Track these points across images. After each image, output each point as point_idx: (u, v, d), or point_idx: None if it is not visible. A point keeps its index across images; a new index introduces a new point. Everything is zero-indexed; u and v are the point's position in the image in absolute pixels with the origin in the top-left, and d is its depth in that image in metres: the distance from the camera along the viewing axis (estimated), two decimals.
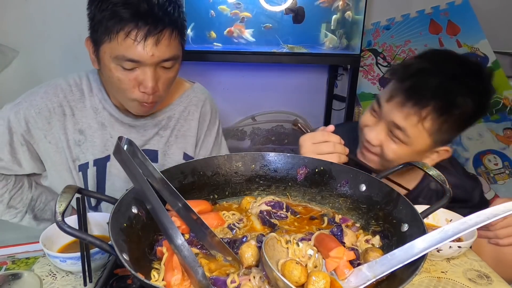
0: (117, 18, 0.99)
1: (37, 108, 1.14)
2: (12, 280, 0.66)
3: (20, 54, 2.46)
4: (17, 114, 1.13)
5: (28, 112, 1.13)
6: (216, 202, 0.89)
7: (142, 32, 0.98)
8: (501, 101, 2.49)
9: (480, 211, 0.60)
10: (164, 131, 1.24)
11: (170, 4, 1.02)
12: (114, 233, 0.59)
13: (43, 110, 1.14)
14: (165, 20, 1.00)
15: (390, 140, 1.02)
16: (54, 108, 1.15)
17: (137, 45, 0.99)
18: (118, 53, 1.01)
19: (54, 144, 1.16)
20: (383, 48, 2.54)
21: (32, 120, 1.13)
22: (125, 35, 0.98)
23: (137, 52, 1.00)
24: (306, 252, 0.66)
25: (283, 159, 0.90)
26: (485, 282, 0.81)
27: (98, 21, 1.04)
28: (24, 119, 1.13)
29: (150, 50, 1.00)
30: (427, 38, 2.51)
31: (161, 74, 1.07)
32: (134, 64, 1.02)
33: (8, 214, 1.22)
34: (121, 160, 0.67)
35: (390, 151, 1.02)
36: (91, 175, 1.19)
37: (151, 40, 0.99)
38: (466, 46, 2.49)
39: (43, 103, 1.14)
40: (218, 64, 2.49)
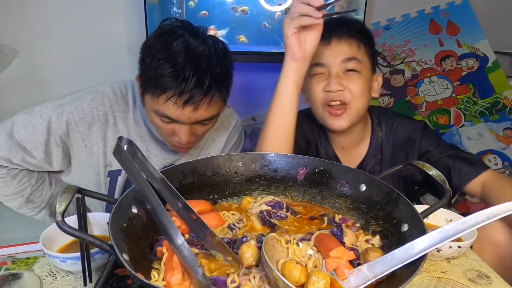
0: (161, 82, 1.01)
1: (82, 113, 1.16)
2: (12, 280, 0.66)
3: (20, 54, 2.46)
4: (60, 116, 1.14)
5: (72, 116, 1.15)
6: (216, 202, 0.89)
7: (182, 100, 1.01)
8: (501, 101, 2.49)
9: (480, 211, 0.60)
10: (194, 150, 1.29)
11: (213, 72, 1.04)
12: (114, 233, 0.59)
13: (87, 116, 1.16)
14: (207, 89, 1.02)
15: (348, 78, 1.16)
16: (99, 116, 1.17)
17: (176, 109, 1.03)
18: (158, 109, 1.05)
19: (89, 148, 1.18)
20: (383, 48, 2.54)
21: (73, 124, 1.15)
22: (167, 98, 1.02)
23: (175, 113, 1.04)
24: (306, 252, 0.66)
25: (283, 159, 0.90)
26: (485, 282, 0.81)
27: (145, 73, 1.07)
28: (66, 122, 1.14)
29: (188, 114, 1.04)
30: (427, 38, 2.51)
31: (198, 128, 1.11)
32: (172, 120, 1.06)
33: (26, 208, 1.24)
34: (121, 160, 0.67)
35: (354, 85, 1.15)
36: (121, 182, 1.22)
37: (189, 107, 1.03)
38: (466, 46, 2.49)
39: (89, 109, 1.16)
40: None
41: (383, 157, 1.29)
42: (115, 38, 2.43)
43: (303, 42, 1.03)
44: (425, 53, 2.53)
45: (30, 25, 2.42)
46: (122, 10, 2.41)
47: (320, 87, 1.17)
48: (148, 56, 1.05)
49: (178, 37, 1.03)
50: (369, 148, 1.29)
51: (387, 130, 1.29)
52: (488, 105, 2.51)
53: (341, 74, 1.16)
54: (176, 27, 1.07)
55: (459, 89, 2.54)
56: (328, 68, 1.17)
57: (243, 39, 2.23)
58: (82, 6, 2.40)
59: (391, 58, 2.55)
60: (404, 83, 2.57)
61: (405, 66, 2.56)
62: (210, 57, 1.04)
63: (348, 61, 1.16)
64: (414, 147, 1.25)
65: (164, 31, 1.06)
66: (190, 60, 1.01)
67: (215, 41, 1.08)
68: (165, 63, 1.01)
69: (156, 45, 1.04)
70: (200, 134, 1.15)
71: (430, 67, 2.54)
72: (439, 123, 2.56)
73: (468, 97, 2.54)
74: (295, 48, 1.03)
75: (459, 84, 2.54)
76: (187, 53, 1.01)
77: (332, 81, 1.14)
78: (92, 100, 1.18)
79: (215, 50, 1.06)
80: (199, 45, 1.04)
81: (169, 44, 1.02)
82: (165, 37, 1.04)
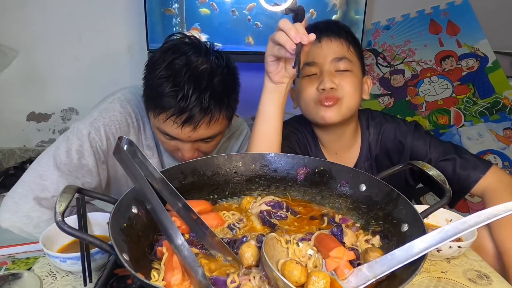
0: (161, 101, 1.01)
1: (118, 123, 1.12)
2: (12, 280, 0.66)
3: (20, 54, 2.47)
4: (97, 132, 1.08)
5: (109, 128, 1.10)
6: (216, 202, 0.89)
7: (181, 119, 1.01)
8: (501, 101, 2.49)
9: (480, 211, 0.60)
10: None
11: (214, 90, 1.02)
12: (114, 233, 0.59)
13: (123, 125, 1.13)
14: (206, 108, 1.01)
15: (340, 76, 1.16)
16: (133, 122, 1.16)
17: (176, 128, 1.02)
18: (159, 126, 1.06)
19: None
20: (383, 48, 2.54)
21: (112, 136, 1.11)
22: (166, 117, 1.01)
23: (175, 132, 1.04)
24: (306, 252, 0.66)
25: (283, 159, 0.90)
26: (485, 282, 0.81)
27: (147, 91, 1.07)
28: (106, 136, 1.09)
29: (187, 133, 1.04)
30: (427, 38, 2.51)
31: (201, 145, 1.10)
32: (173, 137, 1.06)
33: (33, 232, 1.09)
34: (121, 160, 0.67)
35: (346, 83, 1.15)
36: None
37: (189, 127, 1.02)
38: (466, 46, 2.49)
39: (123, 117, 1.13)
40: None
41: (372, 162, 1.28)
42: (115, 38, 2.44)
43: (282, 68, 1.01)
44: (425, 53, 2.53)
45: (30, 25, 2.42)
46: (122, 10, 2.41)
47: (313, 87, 1.17)
48: (150, 74, 1.04)
49: (180, 55, 1.02)
50: (360, 153, 1.28)
51: (375, 134, 1.28)
52: (488, 105, 2.51)
53: (333, 72, 1.16)
54: (180, 43, 1.06)
55: (459, 89, 2.54)
56: (319, 67, 1.17)
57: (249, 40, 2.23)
58: (82, 6, 2.41)
59: (391, 58, 2.55)
60: (404, 83, 2.57)
61: (405, 66, 2.56)
62: (212, 75, 1.02)
63: (339, 60, 1.16)
64: (404, 151, 1.24)
65: (167, 48, 1.05)
66: (190, 78, 1.00)
67: (219, 57, 1.06)
68: (166, 82, 1.00)
69: (159, 62, 1.03)
70: (207, 150, 1.14)
71: (430, 67, 2.54)
72: (439, 123, 2.56)
73: (468, 97, 2.54)
74: (272, 72, 1.01)
75: (459, 84, 2.54)
76: (188, 71, 1.00)
77: (325, 79, 1.14)
78: (122, 107, 1.14)
79: (218, 67, 1.04)
80: (201, 62, 1.02)
81: (171, 62, 1.01)
82: (167, 55, 1.03)
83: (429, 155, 1.20)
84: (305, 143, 1.32)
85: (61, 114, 2.65)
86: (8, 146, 2.67)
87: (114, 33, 2.43)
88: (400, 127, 1.26)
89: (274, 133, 1.06)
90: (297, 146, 1.28)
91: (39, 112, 2.64)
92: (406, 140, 1.23)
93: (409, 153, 1.23)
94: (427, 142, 1.22)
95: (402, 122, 1.28)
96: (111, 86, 1.10)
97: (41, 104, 2.62)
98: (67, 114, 2.65)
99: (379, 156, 1.28)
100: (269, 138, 1.06)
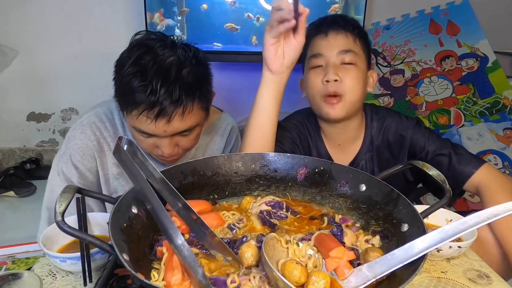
0: (131, 97, 1.01)
1: (79, 150, 1.16)
2: (12, 280, 0.66)
3: (20, 54, 2.47)
4: (66, 164, 1.15)
5: (74, 158, 1.15)
6: (216, 202, 0.89)
7: (153, 113, 1.00)
8: (501, 101, 2.49)
9: (480, 211, 0.60)
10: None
11: (183, 81, 1.01)
12: (114, 233, 0.59)
13: (85, 150, 1.16)
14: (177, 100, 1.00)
15: (344, 69, 1.18)
16: (94, 145, 1.17)
17: (150, 123, 1.01)
18: (134, 124, 1.05)
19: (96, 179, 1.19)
20: (383, 48, 2.54)
21: (80, 164, 1.16)
22: (138, 112, 1.01)
23: (150, 128, 1.03)
24: (306, 252, 0.66)
25: (283, 159, 0.90)
26: (485, 282, 0.81)
27: (118, 90, 1.07)
28: (74, 166, 1.15)
29: (162, 127, 1.03)
30: (427, 38, 2.51)
31: (180, 139, 1.09)
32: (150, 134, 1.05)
33: None
34: (121, 160, 0.67)
35: (349, 77, 1.17)
36: None
37: (162, 120, 1.01)
38: (466, 46, 2.49)
39: (83, 143, 1.16)
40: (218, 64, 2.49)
41: (374, 154, 1.30)
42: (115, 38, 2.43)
43: (280, 54, 1.02)
44: (425, 53, 2.53)
45: (30, 25, 2.42)
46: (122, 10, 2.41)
47: (319, 79, 1.19)
48: (119, 73, 1.04)
49: (147, 50, 1.02)
50: (362, 145, 1.30)
51: (378, 127, 1.30)
52: (488, 105, 2.51)
53: (338, 64, 1.18)
54: (146, 39, 1.05)
55: (459, 89, 2.54)
56: (325, 59, 1.19)
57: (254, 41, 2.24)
58: (82, 6, 2.41)
59: (391, 58, 2.55)
60: (404, 83, 2.57)
61: (405, 66, 2.56)
62: (180, 66, 1.02)
63: (344, 53, 1.18)
64: (404, 144, 1.26)
65: (133, 45, 1.05)
66: (158, 72, 0.99)
67: (186, 49, 1.05)
68: (134, 78, 1.00)
69: (126, 60, 1.03)
70: (186, 145, 1.13)
71: (430, 67, 2.54)
72: (439, 123, 2.56)
73: (468, 97, 2.54)
74: (270, 60, 1.02)
75: (459, 84, 2.54)
76: (155, 65, 1.00)
77: (330, 71, 1.16)
78: (82, 133, 1.17)
79: (185, 59, 1.03)
80: (168, 55, 1.02)
81: (138, 58, 1.01)
82: (133, 51, 1.03)
83: (427, 147, 1.23)
84: (305, 134, 1.33)
85: (61, 114, 2.65)
86: (8, 146, 2.67)
87: (114, 33, 2.43)
88: (402, 121, 1.29)
89: (269, 124, 1.07)
90: (297, 137, 1.30)
91: (39, 112, 2.64)
92: (407, 133, 1.26)
93: (408, 146, 1.26)
94: (426, 136, 1.25)
95: (404, 117, 1.31)
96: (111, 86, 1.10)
97: (41, 104, 2.62)
98: (67, 114, 2.65)
99: (380, 147, 1.30)
100: (263, 129, 1.08)
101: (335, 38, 1.20)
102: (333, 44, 1.19)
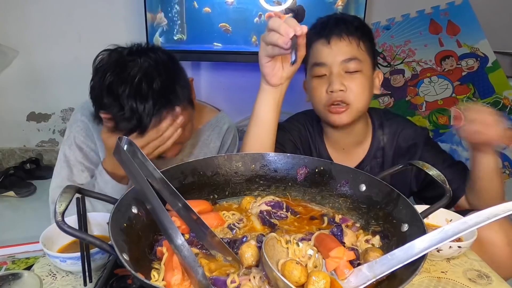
0: (117, 125, 1.05)
1: (82, 131, 1.20)
2: (12, 280, 0.66)
3: (20, 54, 2.47)
4: (71, 146, 1.20)
5: (78, 139, 1.19)
6: (216, 202, 0.89)
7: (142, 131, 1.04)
8: (501, 101, 2.49)
9: (480, 211, 0.60)
10: (187, 158, 1.29)
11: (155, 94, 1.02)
12: (114, 233, 0.59)
13: (88, 130, 1.20)
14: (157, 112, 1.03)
15: (349, 77, 1.15)
16: (93, 126, 1.20)
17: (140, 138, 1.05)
18: None
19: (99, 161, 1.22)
20: (383, 48, 2.54)
21: (83, 144, 1.20)
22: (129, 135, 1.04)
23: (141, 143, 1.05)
24: (306, 252, 0.66)
25: (283, 159, 0.90)
26: (485, 282, 0.81)
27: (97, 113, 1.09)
28: (78, 147, 1.19)
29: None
30: (427, 38, 2.51)
31: None
32: None
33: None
34: (121, 160, 0.67)
35: (355, 85, 1.15)
36: None
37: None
38: (466, 46, 2.49)
39: (85, 124, 1.20)
40: (218, 64, 2.49)
41: (384, 161, 1.28)
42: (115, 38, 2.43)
43: (279, 68, 0.99)
44: (425, 53, 2.53)
45: (30, 25, 2.42)
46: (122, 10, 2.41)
47: (323, 89, 1.17)
48: (97, 99, 1.08)
49: (108, 79, 1.03)
50: (369, 150, 1.28)
51: (390, 134, 1.28)
52: (488, 105, 2.51)
53: (342, 73, 1.16)
54: (105, 65, 1.07)
55: (459, 89, 2.54)
56: (329, 68, 1.16)
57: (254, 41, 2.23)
58: (82, 6, 2.41)
59: (391, 58, 2.55)
60: (404, 83, 2.57)
61: (405, 66, 2.56)
62: (148, 81, 1.02)
63: (348, 61, 1.15)
64: (416, 153, 1.25)
65: (97, 72, 1.08)
66: (130, 95, 1.00)
67: (147, 59, 1.05)
68: (112, 108, 1.03)
69: (99, 93, 1.06)
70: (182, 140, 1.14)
71: (430, 67, 2.54)
72: (439, 123, 2.56)
73: (468, 97, 2.53)
74: (268, 75, 0.99)
75: (459, 84, 2.54)
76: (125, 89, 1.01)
77: (334, 81, 1.14)
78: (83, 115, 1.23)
79: (152, 71, 1.04)
80: (134, 74, 1.02)
81: (109, 86, 1.03)
82: (101, 80, 1.05)
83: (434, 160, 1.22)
84: (307, 137, 1.32)
85: (61, 114, 2.65)
86: (8, 146, 2.67)
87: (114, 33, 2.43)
88: (416, 130, 1.28)
89: (268, 135, 1.05)
90: (298, 139, 1.29)
91: (39, 112, 2.64)
92: (420, 143, 1.26)
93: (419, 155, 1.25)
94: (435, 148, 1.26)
95: (416, 125, 1.32)
96: None
97: (41, 104, 2.62)
98: (67, 114, 2.65)
99: (390, 155, 1.28)
100: (262, 140, 1.05)
101: (338, 45, 1.16)
102: (336, 52, 1.16)
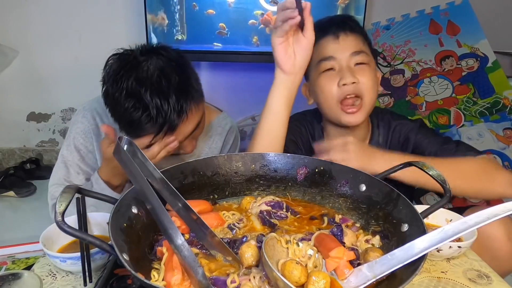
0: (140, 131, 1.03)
1: (82, 133, 1.20)
2: (12, 280, 0.66)
3: (20, 54, 2.47)
4: (69, 147, 1.21)
5: (77, 140, 1.20)
6: (216, 202, 0.89)
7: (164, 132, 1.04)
8: (501, 101, 2.49)
9: (480, 211, 0.60)
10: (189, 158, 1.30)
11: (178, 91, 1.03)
12: (114, 233, 0.59)
13: (87, 132, 1.20)
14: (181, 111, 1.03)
15: (359, 70, 1.16)
16: (93, 129, 1.21)
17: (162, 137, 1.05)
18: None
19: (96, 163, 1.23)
20: (383, 48, 2.54)
21: (82, 147, 1.20)
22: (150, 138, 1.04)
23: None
24: (306, 252, 0.66)
25: (283, 159, 0.90)
26: (485, 282, 0.81)
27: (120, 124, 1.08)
28: (76, 150, 1.20)
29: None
30: (427, 38, 2.51)
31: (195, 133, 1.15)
32: None
33: None
34: (121, 160, 0.67)
35: (365, 77, 1.15)
36: None
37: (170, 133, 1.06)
38: (466, 46, 2.49)
39: (84, 126, 1.21)
40: (218, 64, 2.49)
41: None
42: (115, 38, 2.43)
43: (291, 54, 1.02)
44: (425, 53, 2.53)
45: (30, 25, 2.42)
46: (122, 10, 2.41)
47: (333, 83, 1.15)
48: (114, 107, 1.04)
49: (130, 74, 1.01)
50: None
51: (385, 132, 1.29)
52: (488, 105, 2.51)
53: (352, 66, 1.16)
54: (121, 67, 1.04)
55: (459, 89, 2.54)
56: (338, 62, 1.16)
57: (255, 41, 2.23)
58: (82, 6, 2.41)
59: (391, 58, 2.55)
60: (404, 83, 2.57)
61: (405, 66, 2.56)
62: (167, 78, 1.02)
63: (357, 54, 1.16)
64: (409, 145, 1.26)
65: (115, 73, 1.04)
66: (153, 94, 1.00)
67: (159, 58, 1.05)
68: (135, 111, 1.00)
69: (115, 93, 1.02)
70: (198, 133, 1.18)
71: (430, 67, 2.54)
72: (439, 123, 2.56)
73: (468, 97, 2.54)
74: (282, 59, 1.01)
75: (459, 84, 2.54)
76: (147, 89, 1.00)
77: (346, 74, 1.14)
78: (84, 117, 1.22)
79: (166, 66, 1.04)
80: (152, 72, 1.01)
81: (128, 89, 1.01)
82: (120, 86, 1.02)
83: (429, 149, 1.22)
84: (307, 137, 1.32)
85: (61, 114, 2.65)
86: (8, 146, 2.67)
87: (114, 34, 2.43)
88: (408, 124, 1.28)
89: (280, 128, 1.07)
90: (299, 139, 1.29)
91: (39, 112, 2.64)
92: (412, 135, 1.26)
93: (411, 148, 1.25)
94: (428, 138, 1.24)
95: (409, 120, 1.32)
96: None
97: (41, 104, 2.62)
98: (67, 114, 2.65)
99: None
100: (273, 133, 1.07)
101: (346, 40, 1.17)
102: (344, 46, 1.16)
